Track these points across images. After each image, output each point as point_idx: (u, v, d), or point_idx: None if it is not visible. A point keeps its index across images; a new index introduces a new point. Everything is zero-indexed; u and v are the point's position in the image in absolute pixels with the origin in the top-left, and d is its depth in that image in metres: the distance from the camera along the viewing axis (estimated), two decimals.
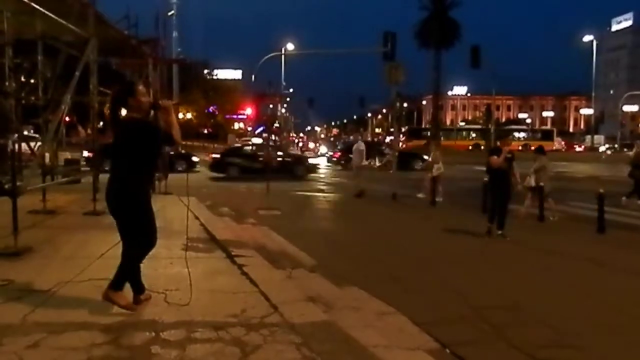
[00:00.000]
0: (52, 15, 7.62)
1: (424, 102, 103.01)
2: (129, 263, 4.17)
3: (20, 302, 4.28)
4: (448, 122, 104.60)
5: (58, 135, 9.35)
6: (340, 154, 30.30)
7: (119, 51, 12.19)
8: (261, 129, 41.54)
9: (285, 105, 77.41)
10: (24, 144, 7.88)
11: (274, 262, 6.35)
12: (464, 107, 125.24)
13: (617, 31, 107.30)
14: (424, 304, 5.18)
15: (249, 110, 44.35)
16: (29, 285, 4.76)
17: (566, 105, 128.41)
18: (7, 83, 6.31)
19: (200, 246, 6.81)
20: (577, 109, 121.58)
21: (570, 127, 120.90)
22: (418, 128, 64.86)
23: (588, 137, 71.58)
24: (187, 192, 5.24)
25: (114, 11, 10.95)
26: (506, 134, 38.26)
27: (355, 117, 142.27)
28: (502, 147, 8.95)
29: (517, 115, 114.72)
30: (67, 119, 10.40)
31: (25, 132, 10.31)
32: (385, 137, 75.90)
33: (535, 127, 76.98)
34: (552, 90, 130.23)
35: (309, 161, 24.25)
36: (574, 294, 5.79)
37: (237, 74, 75.76)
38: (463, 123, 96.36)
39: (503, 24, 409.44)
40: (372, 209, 12.69)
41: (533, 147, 14.37)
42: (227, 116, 61.04)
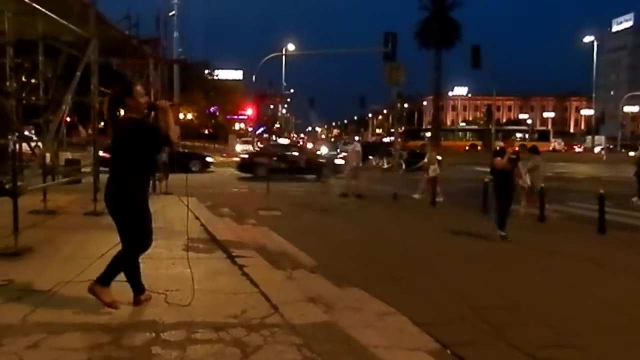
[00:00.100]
0: (53, 16, 7.63)
1: (425, 103, 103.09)
2: (121, 262, 4.18)
3: (20, 302, 4.28)
4: (449, 123, 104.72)
5: (59, 136, 9.35)
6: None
7: (120, 51, 12.19)
8: (262, 129, 41.54)
9: (286, 105, 77.71)
10: (24, 144, 7.90)
11: (275, 262, 6.35)
12: (465, 108, 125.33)
13: (617, 32, 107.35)
14: (425, 304, 5.18)
15: (249, 111, 44.29)
16: (29, 285, 4.76)
17: (567, 106, 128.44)
18: (8, 83, 6.31)
19: (200, 246, 6.81)
20: (577, 110, 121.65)
21: (571, 128, 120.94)
22: (415, 129, 65.13)
23: (589, 138, 71.57)
24: (186, 192, 5.25)
25: (115, 11, 10.96)
26: (507, 135, 38.16)
27: (355, 117, 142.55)
28: (505, 148, 8.76)
29: (517, 115, 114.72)
30: (68, 119, 10.42)
31: (26, 132, 10.32)
32: (381, 138, 75.95)
33: (536, 127, 77.06)
34: (553, 90, 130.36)
35: (335, 162, 24.08)
36: (574, 294, 5.79)
37: (238, 74, 75.73)
38: (464, 124, 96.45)
39: (503, 24, 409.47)
40: (372, 209, 12.69)
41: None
42: (228, 117, 60.96)
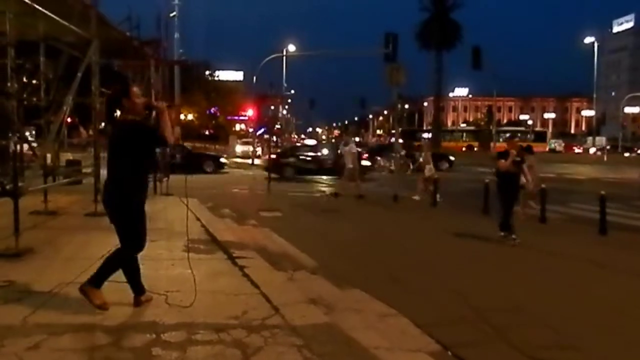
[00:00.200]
0: (55, 17, 7.64)
1: (425, 104, 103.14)
2: (114, 262, 4.17)
3: (20, 303, 4.28)
4: (449, 124, 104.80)
5: (60, 136, 9.35)
6: (367, 155, 29.86)
7: (121, 52, 12.19)
8: (262, 130, 41.49)
9: (286, 106, 77.64)
10: (25, 145, 7.90)
11: (275, 263, 6.34)
12: (465, 109, 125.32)
13: (618, 33, 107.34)
14: (426, 305, 5.17)
15: (250, 112, 44.24)
16: (29, 286, 4.76)
17: (567, 107, 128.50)
18: (9, 84, 6.32)
19: (201, 247, 6.81)
20: (578, 111, 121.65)
21: (572, 129, 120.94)
22: (412, 129, 65.44)
23: (589, 139, 71.55)
24: (186, 193, 5.24)
25: (116, 12, 10.98)
26: (506, 136, 38.10)
27: (356, 118, 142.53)
28: (509, 149, 8.60)
29: (518, 116, 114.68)
30: (69, 120, 10.42)
31: (27, 133, 10.32)
32: (390, 139, 75.87)
33: (533, 129, 77.25)
34: (554, 91, 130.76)
35: (362, 163, 23.96)
36: (575, 295, 5.78)
37: (238, 75, 75.80)
38: (464, 124, 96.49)
39: (504, 25, 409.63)
40: (373, 211, 12.67)
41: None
42: (229, 117, 60.97)
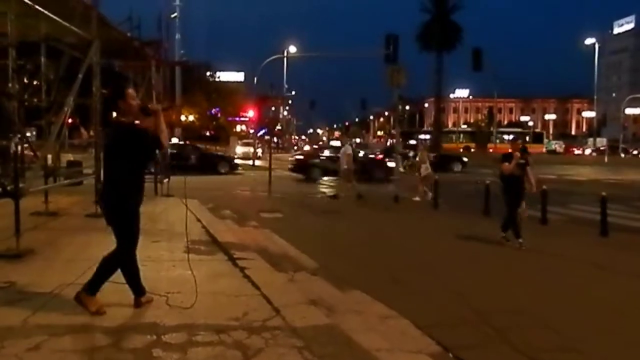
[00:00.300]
0: (56, 18, 7.65)
1: (426, 105, 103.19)
2: (110, 266, 4.16)
3: (21, 304, 4.28)
4: (450, 125, 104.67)
5: (60, 137, 9.36)
6: (382, 156, 29.75)
7: (122, 53, 12.19)
8: (263, 131, 41.47)
9: (287, 107, 77.64)
10: (26, 146, 7.90)
11: (276, 265, 6.33)
12: (466, 110, 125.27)
13: (619, 34, 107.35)
14: (427, 306, 5.16)
15: (251, 113, 44.21)
16: (30, 287, 4.75)
17: (568, 108, 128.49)
18: (10, 85, 6.33)
19: (202, 249, 6.80)
20: (579, 112, 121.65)
21: (573, 130, 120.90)
22: (410, 131, 65.79)
23: (590, 140, 71.54)
24: (184, 194, 5.24)
25: (117, 13, 10.99)
26: (514, 139, 38.05)
27: (357, 119, 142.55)
28: (513, 151, 8.49)
29: (519, 118, 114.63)
30: (70, 120, 10.43)
31: (28, 134, 10.32)
32: (378, 140, 76.14)
33: (531, 130, 77.44)
34: (554, 92, 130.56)
35: (387, 164, 23.90)
36: (577, 296, 5.77)
37: (239, 76, 75.78)
38: (465, 126, 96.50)
39: (504, 26, 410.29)
40: (373, 212, 12.66)
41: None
42: (230, 118, 60.98)
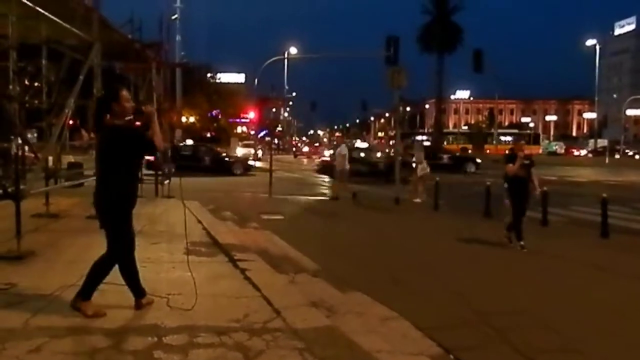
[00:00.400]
0: (57, 20, 7.65)
1: (427, 106, 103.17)
2: (101, 269, 4.17)
3: (22, 306, 4.27)
4: (451, 126, 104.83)
5: (61, 139, 9.37)
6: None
7: (123, 55, 12.19)
8: (264, 132, 41.53)
9: (288, 109, 77.79)
10: (27, 147, 7.90)
11: (277, 266, 6.33)
12: (467, 111, 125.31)
13: (620, 35, 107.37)
14: (428, 308, 5.16)
15: (251, 114, 44.28)
16: (31, 289, 4.75)
17: (569, 109, 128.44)
18: (11, 87, 6.33)
19: (202, 250, 6.80)
20: (580, 113, 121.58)
21: (574, 132, 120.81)
22: (408, 132, 66.06)
23: (591, 141, 71.48)
24: (181, 196, 5.24)
25: (118, 15, 11.00)
26: (517, 139, 38.10)
27: (357, 120, 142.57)
28: (516, 151, 8.36)
29: (520, 119, 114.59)
30: (71, 122, 10.43)
31: (28, 136, 10.33)
32: (379, 142, 76.20)
33: (527, 132, 77.68)
34: (555, 94, 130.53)
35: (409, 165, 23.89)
36: (577, 297, 5.77)
37: (240, 77, 75.77)
38: (466, 127, 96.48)
39: (505, 28, 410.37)
40: (374, 213, 12.67)
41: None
42: (230, 120, 61.05)
